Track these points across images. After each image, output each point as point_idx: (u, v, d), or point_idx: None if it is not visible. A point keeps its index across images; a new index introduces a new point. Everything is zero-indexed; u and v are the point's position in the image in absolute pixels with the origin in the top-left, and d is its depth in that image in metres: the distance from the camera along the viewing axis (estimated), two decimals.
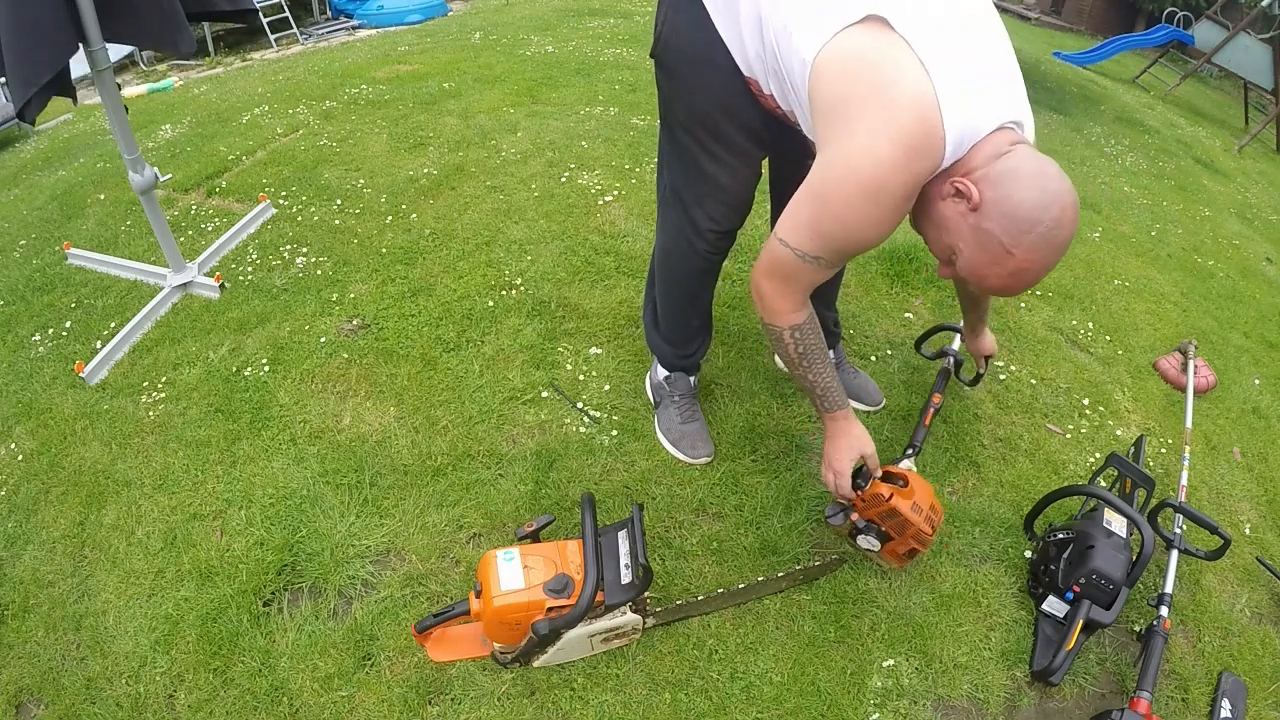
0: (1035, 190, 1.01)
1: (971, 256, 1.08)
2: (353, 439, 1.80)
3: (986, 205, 1.03)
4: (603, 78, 4.15)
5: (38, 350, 2.20)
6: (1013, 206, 1.01)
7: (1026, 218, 1.01)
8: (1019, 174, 1.02)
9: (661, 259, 1.64)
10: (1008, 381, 2.13)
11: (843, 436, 1.40)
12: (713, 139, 1.35)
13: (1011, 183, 1.01)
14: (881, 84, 1.00)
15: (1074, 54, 8.66)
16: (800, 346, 1.32)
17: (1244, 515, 1.91)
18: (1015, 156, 1.03)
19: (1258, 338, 2.79)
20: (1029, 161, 1.03)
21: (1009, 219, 1.01)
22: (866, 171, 1.03)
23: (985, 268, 1.07)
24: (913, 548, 1.44)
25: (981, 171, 1.04)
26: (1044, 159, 1.05)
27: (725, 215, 1.45)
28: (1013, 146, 1.05)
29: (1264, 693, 1.49)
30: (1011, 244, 1.02)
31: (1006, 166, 1.02)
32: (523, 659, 1.35)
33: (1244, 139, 6.54)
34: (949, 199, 1.07)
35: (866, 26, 1.01)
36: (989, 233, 1.03)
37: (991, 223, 1.03)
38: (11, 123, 5.54)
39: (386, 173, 2.96)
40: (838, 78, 1.04)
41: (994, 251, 1.04)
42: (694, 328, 1.73)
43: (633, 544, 1.32)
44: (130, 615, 1.48)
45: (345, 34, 9.12)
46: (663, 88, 1.38)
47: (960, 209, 1.06)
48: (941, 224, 1.10)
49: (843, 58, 1.03)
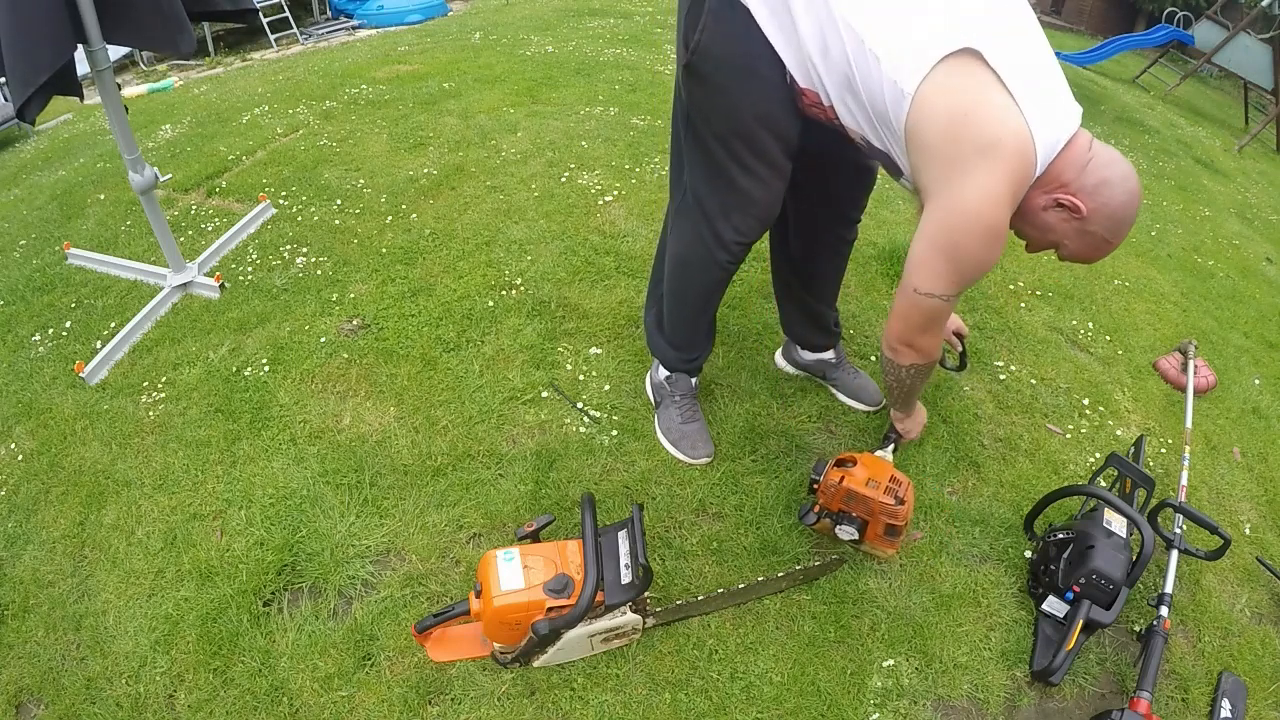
0: (1126, 194, 1.20)
1: (1076, 249, 1.27)
2: (353, 439, 1.80)
3: (1091, 214, 1.20)
4: (603, 78, 4.15)
5: (38, 350, 2.20)
6: (1113, 211, 1.20)
7: (1123, 218, 1.21)
8: (1112, 182, 1.19)
9: (676, 267, 1.61)
10: (1008, 381, 2.13)
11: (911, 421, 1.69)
12: (748, 151, 1.33)
13: (1109, 193, 1.19)
14: (986, 130, 1.11)
15: (1074, 54, 8.64)
16: (921, 378, 1.47)
17: (1244, 515, 1.91)
18: (1100, 165, 1.19)
19: (1258, 338, 2.79)
20: (1115, 166, 1.20)
21: (1112, 220, 1.21)
22: (991, 215, 1.16)
23: (1087, 254, 1.27)
24: (888, 524, 1.44)
25: (1077, 184, 1.19)
26: (1116, 157, 1.21)
27: (752, 228, 1.44)
28: (1090, 153, 1.19)
29: (1264, 693, 1.49)
30: (1111, 237, 1.23)
31: (1101, 177, 1.18)
32: (523, 659, 1.35)
33: (1244, 139, 6.53)
34: (1051, 209, 1.22)
35: (960, 61, 1.09)
36: (1093, 233, 1.22)
37: (1096, 225, 1.21)
38: (11, 123, 5.54)
39: (386, 173, 2.96)
40: (943, 121, 1.12)
41: (1097, 244, 1.24)
42: (701, 333, 1.73)
43: (633, 544, 1.32)
44: (130, 615, 1.48)
45: (345, 34, 9.12)
46: (695, 97, 1.34)
47: (1063, 216, 1.22)
48: (1045, 228, 1.25)
49: (945, 100, 1.10)
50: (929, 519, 1.68)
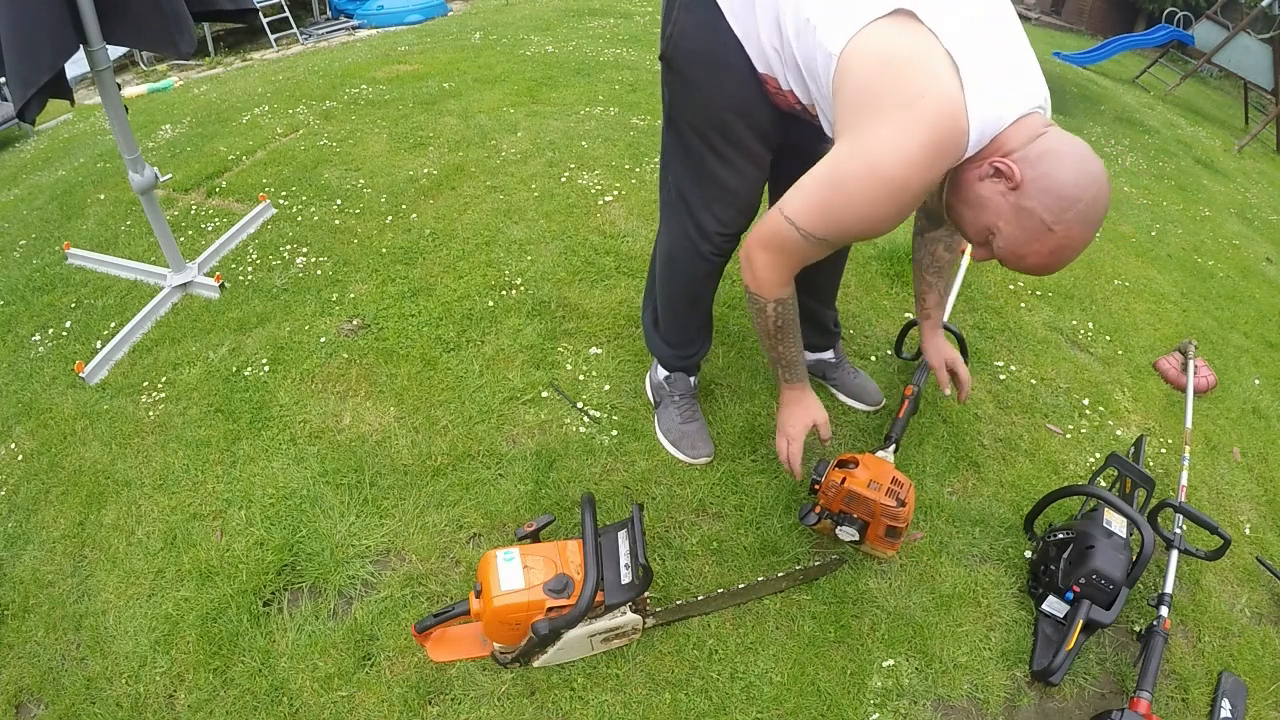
0: (1075, 168, 1.04)
1: (1011, 234, 1.09)
2: (353, 439, 1.80)
3: (1027, 184, 1.04)
4: (603, 78, 4.15)
5: (38, 350, 2.20)
6: (1054, 184, 1.03)
7: (1068, 195, 1.03)
8: (1060, 153, 1.04)
9: (665, 262, 1.63)
10: (1008, 381, 2.13)
11: (798, 404, 1.50)
12: (724, 141, 1.35)
13: (1053, 161, 1.04)
14: (912, 83, 1.02)
15: (1074, 54, 8.65)
16: (780, 320, 1.36)
17: (1244, 515, 1.91)
18: (1052, 137, 1.06)
19: (1258, 338, 2.79)
20: (1067, 142, 1.06)
21: (1051, 196, 1.03)
22: (891, 169, 1.05)
23: (1025, 245, 1.08)
24: (889, 525, 1.44)
25: (1020, 152, 1.06)
26: (1078, 139, 1.08)
27: (733, 218, 1.45)
28: (1048, 128, 1.07)
29: (1264, 693, 1.49)
30: (1053, 221, 1.04)
31: (1046, 146, 1.05)
32: (523, 659, 1.35)
33: (1244, 139, 6.53)
34: (987, 180, 1.08)
35: (894, 20, 1.03)
36: (1030, 211, 1.05)
37: (1033, 201, 1.05)
38: (11, 123, 5.53)
39: (386, 173, 2.96)
40: (866, 72, 1.05)
41: (1035, 229, 1.06)
42: (695, 330, 1.73)
43: (633, 544, 1.32)
44: (130, 615, 1.48)
45: (345, 34, 9.11)
46: (672, 89, 1.37)
47: (1000, 188, 1.07)
48: (979, 204, 1.11)
49: (871, 52, 1.04)
50: (929, 519, 1.68)
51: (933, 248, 1.61)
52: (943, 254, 1.62)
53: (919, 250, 1.63)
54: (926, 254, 1.63)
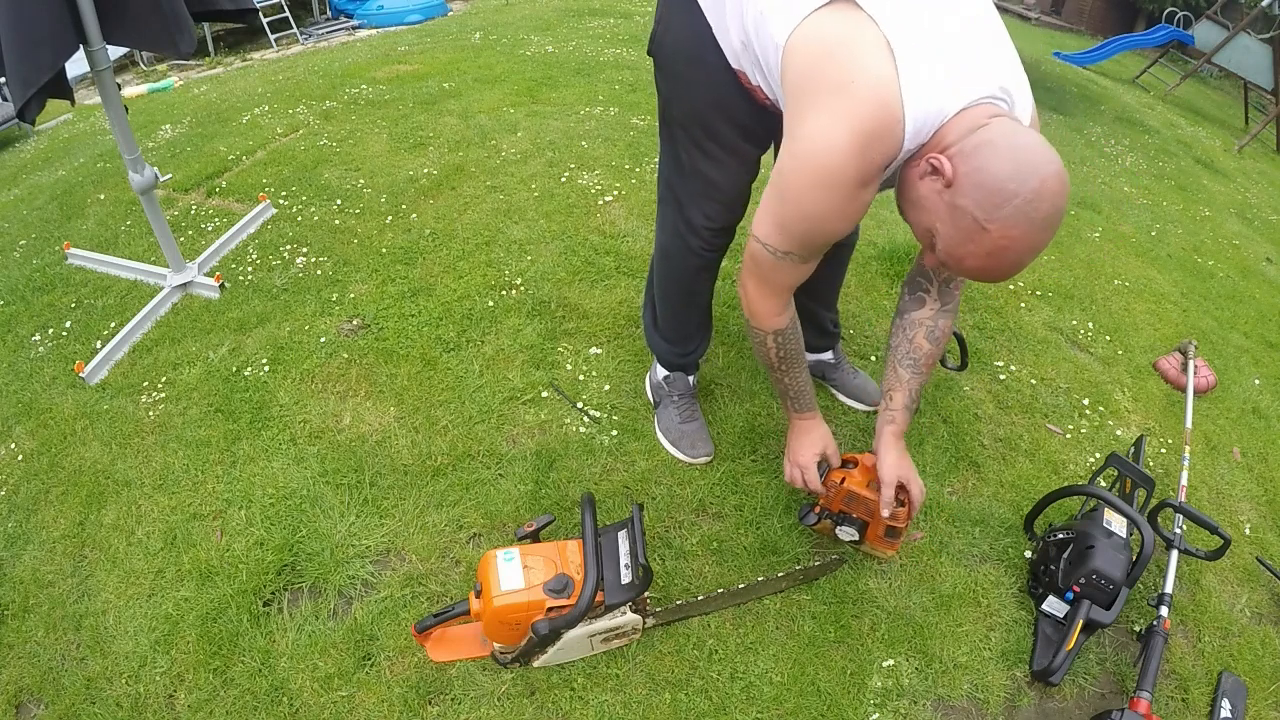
0: (1010, 161, 0.95)
1: (948, 235, 1.02)
2: (353, 439, 1.80)
3: (960, 179, 0.97)
4: (603, 78, 4.15)
5: (38, 350, 2.20)
6: (986, 178, 0.95)
7: (1000, 189, 0.94)
8: (994, 145, 0.96)
9: (659, 257, 1.64)
10: (1008, 381, 2.13)
11: (807, 434, 1.46)
12: (706, 136, 1.35)
13: (986, 154, 0.96)
14: (842, 70, 0.98)
15: (1074, 54, 8.66)
16: (782, 351, 1.33)
17: (1244, 515, 1.91)
18: (992, 128, 0.98)
19: (1258, 338, 2.79)
20: (1009, 132, 0.98)
21: (982, 191, 0.95)
22: (820, 159, 1.01)
23: (961, 246, 1.00)
24: (889, 525, 1.43)
25: (957, 146, 0.99)
26: (1026, 130, 1.00)
27: (718, 212, 1.45)
28: (991, 119, 0.99)
29: (1264, 693, 1.49)
30: (986, 219, 0.95)
31: (982, 139, 0.97)
32: (523, 659, 1.35)
33: (1244, 139, 6.53)
34: (926, 177, 1.02)
35: (835, 8, 0.99)
36: (963, 209, 0.97)
37: (965, 197, 0.97)
38: (11, 123, 5.53)
39: (386, 173, 2.96)
40: (802, 63, 1.02)
41: (968, 228, 0.98)
42: (692, 326, 1.73)
43: (633, 544, 1.31)
44: (130, 615, 1.48)
45: (345, 34, 9.11)
46: (659, 86, 1.39)
47: (936, 186, 1.01)
48: (919, 204, 1.05)
49: (809, 41, 1.01)
50: (929, 519, 1.68)
51: (912, 333, 1.36)
52: (924, 344, 1.36)
53: (896, 334, 1.39)
54: (904, 340, 1.37)
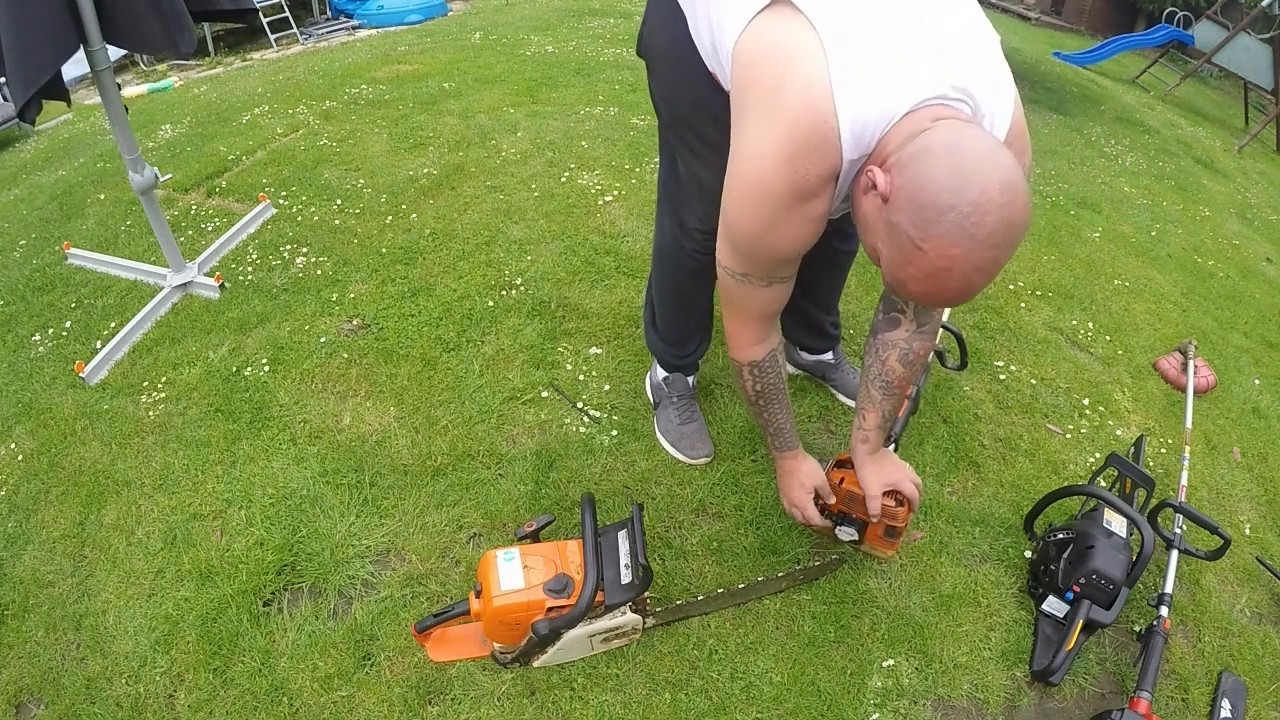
0: (946, 170, 0.82)
1: (888, 258, 0.90)
2: (353, 439, 1.80)
3: (895, 194, 0.86)
4: (603, 78, 4.15)
5: (38, 350, 2.20)
6: (919, 190, 0.83)
7: (933, 203, 0.81)
8: (930, 152, 0.84)
9: (656, 258, 1.64)
10: (1008, 381, 2.13)
11: (792, 475, 1.42)
12: (695, 137, 1.33)
13: (921, 163, 0.84)
14: (773, 76, 0.92)
15: (1074, 54, 8.65)
16: (758, 385, 1.27)
17: (1244, 515, 1.91)
18: (934, 133, 0.86)
19: (1258, 338, 2.79)
20: (948, 137, 0.85)
21: (916, 207, 0.83)
22: (751, 172, 0.96)
23: (900, 269, 0.88)
24: (888, 525, 1.42)
25: (895, 156, 0.88)
26: (970, 132, 0.86)
27: (711, 214, 1.36)
28: (935, 123, 0.87)
29: (1264, 693, 1.49)
30: (920, 237, 0.83)
31: (920, 146, 0.85)
32: (523, 659, 1.35)
33: (1244, 139, 6.53)
34: (869, 192, 0.91)
35: (774, 11, 0.94)
36: (898, 226, 0.85)
37: (900, 214, 0.85)
38: (11, 123, 5.53)
39: (386, 173, 2.96)
40: (741, 70, 0.98)
41: (906, 249, 0.85)
42: (690, 328, 1.73)
43: (633, 544, 1.32)
44: (130, 615, 1.48)
45: (345, 34, 9.11)
46: (650, 87, 1.39)
47: (876, 203, 0.90)
48: (864, 222, 0.95)
49: (747, 47, 0.97)
50: (929, 519, 1.68)
51: (885, 355, 1.30)
52: (896, 366, 1.29)
53: (869, 353, 1.34)
54: (876, 361, 1.32)
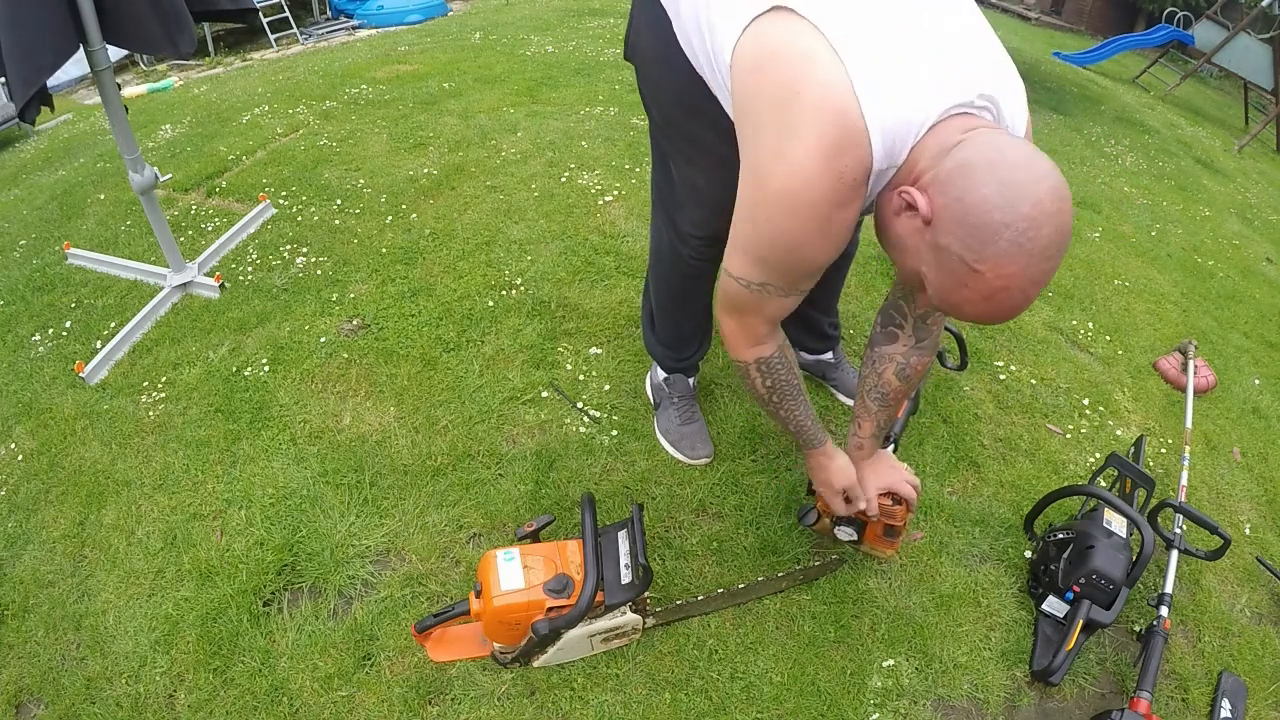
0: (994, 186, 0.78)
1: (937, 282, 0.86)
2: (353, 439, 1.80)
3: (939, 215, 0.82)
4: (603, 78, 4.15)
5: (38, 350, 2.20)
6: (968, 210, 0.79)
7: (986, 223, 0.77)
8: (972, 167, 0.80)
9: (653, 262, 1.63)
10: (1008, 381, 2.13)
11: (823, 471, 1.35)
12: (687, 141, 1.31)
13: (965, 181, 0.79)
14: (784, 80, 0.87)
15: (1074, 54, 8.65)
16: (769, 380, 1.20)
17: (1244, 515, 1.91)
18: (968, 146, 0.82)
19: (1258, 338, 2.79)
20: (986, 148, 0.81)
21: (967, 228, 0.79)
22: (781, 182, 0.90)
23: (954, 293, 0.84)
24: (887, 524, 1.42)
25: (930, 173, 0.84)
26: (1008, 141, 0.83)
27: (706, 219, 1.37)
28: (966, 134, 0.84)
29: (1264, 693, 1.49)
30: (976, 260, 0.79)
31: (958, 161, 0.81)
32: (523, 659, 1.35)
33: (1244, 139, 6.53)
34: (903, 214, 0.88)
35: (771, 17, 0.90)
36: (947, 250, 0.81)
37: (948, 236, 0.81)
38: (11, 123, 5.53)
39: (386, 173, 2.96)
40: (742, 80, 0.94)
41: (959, 273, 0.81)
42: (688, 331, 1.72)
43: (633, 544, 1.32)
44: (130, 615, 1.48)
45: (345, 34, 9.11)
46: (640, 90, 1.36)
47: (916, 225, 0.86)
48: (901, 246, 0.91)
49: (749, 55, 0.93)
50: (929, 519, 1.68)
51: (882, 368, 1.30)
52: (892, 380, 1.30)
53: (866, 365, 1.34)
54: (873, 372, 1.32)
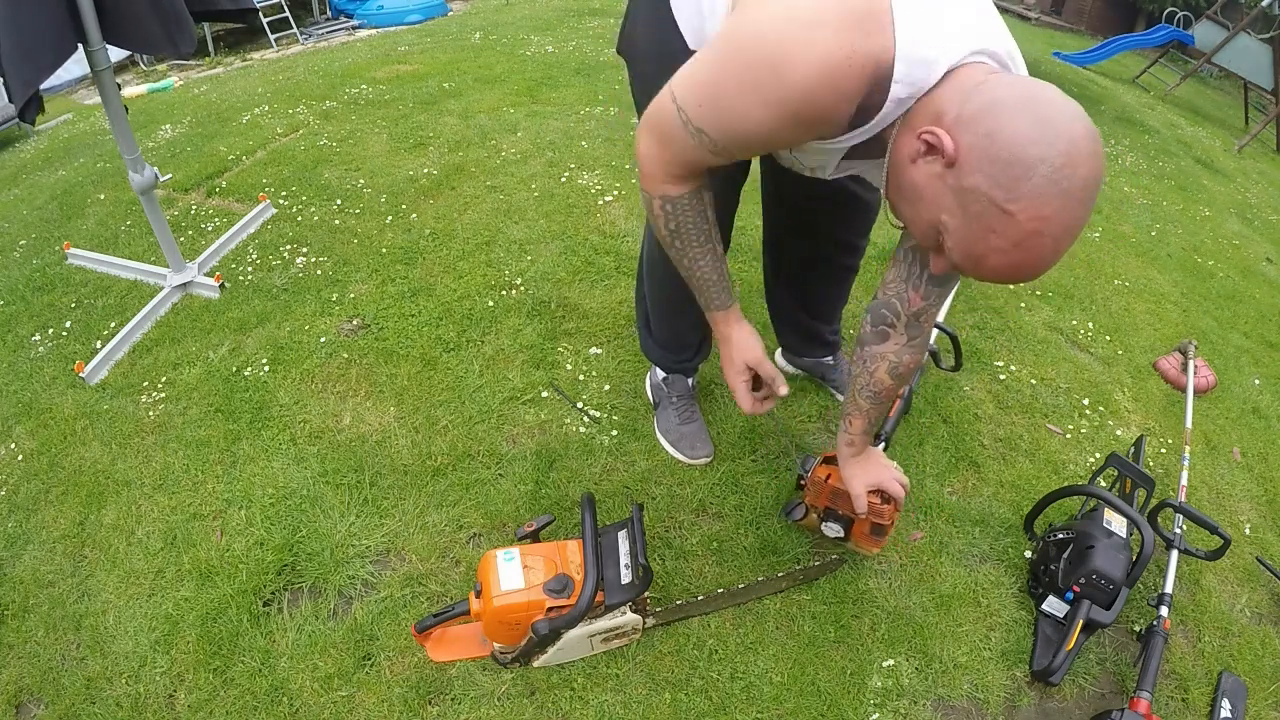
0: (1029, 118, 0.74)
1: (961, 231, 0.80)
2: (353, 439, 1.80)
3: (965, 154, 0.77)
4: (603, 78, 4.15)
5: (38, 350, 2.20)
6: (1000, 145, 0.74)
7: (1021, 157, 0.73)
8: (1003, 103, 0.76)
9: (648, 264, 1.61)
10: (1008, 381, 2.13)
11: (726, 346, 1.26)
12: None
13: (996, 116, 0.76)
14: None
15: (1074, 54, 8.65)
16: (672, 222, 1.11)
17: (1244, 515, 1.91)
18: (995, 85, 0.79)
19: (1258, 338, 2.79)
20: (1014, 87, 0.78)
21: (998, 163, 0.74)
22: (773, 29, 0.82)
23: (980, 241, 0.79)
24: (874, 522, 1.41)
25: (954, 114, 0.79)
26: (1036, 82, 0.80)
27: None
28: (989, 76, 0.81)
29: (1264, 693, 1.49)
30: (1007, 198, 0.74)
31: (985, 99, 0.77)
32: (523, 659, 1.35)
33: (1244, 139, 6.53)
34: (920, 160, 0.83)
35: None
36: (975, 190, 0.77)
37: (977, 176, 0.76)
38: (11, 123, 5.53)
39: (386, 173, 2.96)
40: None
41: (988, 216, 0.77)
42: (685, 332, 1.70)
43: (633, 544, 1.32)
44: (130, 615, 1.48)
45: (345, 34, 9.11)
46: (632, 86, 1.35)
47: (935, 169, 0.81)
48: (917, 194, 0.85)
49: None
50: (929, 519, 1.68)
51: (873, 367, 1.27)
52: (885, 379, 1.27)
53: (857, 364, 1.30)
54: (864, 372, 1.29)
